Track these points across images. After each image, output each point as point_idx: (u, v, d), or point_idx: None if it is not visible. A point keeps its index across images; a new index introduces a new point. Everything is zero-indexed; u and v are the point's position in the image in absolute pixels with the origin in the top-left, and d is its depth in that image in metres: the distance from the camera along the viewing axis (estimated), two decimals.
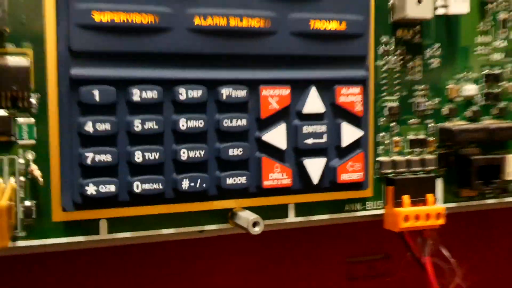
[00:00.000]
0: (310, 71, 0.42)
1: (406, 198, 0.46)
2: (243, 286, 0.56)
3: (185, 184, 0.39)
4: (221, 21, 0.39)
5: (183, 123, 0.38)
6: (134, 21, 0.37)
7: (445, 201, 0.49)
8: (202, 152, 0.39)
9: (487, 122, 0.49)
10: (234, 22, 0.39)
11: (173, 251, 0.54)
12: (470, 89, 0.49)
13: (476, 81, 0.49)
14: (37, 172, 0.36)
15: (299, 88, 0.42)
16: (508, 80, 0.50)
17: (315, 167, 0.42)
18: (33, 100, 0.36)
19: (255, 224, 0.39)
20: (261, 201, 0.42)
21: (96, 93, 0.36)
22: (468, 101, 0.49)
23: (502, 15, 0.50)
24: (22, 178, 0.37)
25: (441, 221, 0.47)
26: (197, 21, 0.38)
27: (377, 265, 0.61)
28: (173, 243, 0.45)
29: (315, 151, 0.43)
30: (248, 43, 0.40)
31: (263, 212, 0.42)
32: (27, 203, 0.36)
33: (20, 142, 0.37)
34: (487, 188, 0.49)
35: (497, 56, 0.50)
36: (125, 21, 0.36)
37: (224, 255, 0.55)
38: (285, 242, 0.55)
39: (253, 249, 0.56)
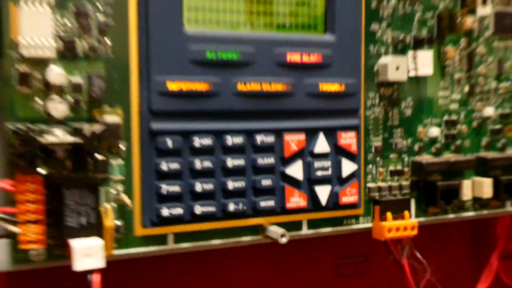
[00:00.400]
0: (319, 121, 0.50)
1: (389, 215, 0.54)
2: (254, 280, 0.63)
3: (231, 207, 0.47)
4: (256, 87, 0.47)
5: (230, 162, 0.47)
6: (195, 89, 0.45)
7: (417, 216, 0.56)
8: (243, 183, 0.47)
9: (447, 156, 0.57)
10: (265, 87, 0.48)
11: (217, 257, 0.60)
12: (434, 131, 0.57)
13: (438, 125, 0.57)
14: (127, 200, 0.44)
15: (311, 134, 0.50)
16: (461, 123, 0.58)
17: (323, 192, 0.50)
18: (122, 147, 0.44)
19: (282, 235, 0.48)
20: (284, 218, 0.50)
21: (169, 141, 0.45)
22: (433, 140, 0.57)
23: (457, 75, 0.58)
24: (114, 204, 0.44)
25: (414, 232, 0.54)
26: (239, 87, 0.47)
27: (362, 266, 0.68)
28: (218, 251, 0.53)
29: (323, 181, 0.50)
30: (275, 101, 0.48)
31: (284, 226, 0.49)
32: (117, 222, 0.44)
33: (113, 177, 0.44)
34: (448, 206, 0.57)
35: (454, 106, 0.58)
36: (189, 88, 0.45)
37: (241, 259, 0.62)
38: (292, 249, 0.61)
39: (264, 254, 0.62)
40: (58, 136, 0.39)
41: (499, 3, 0.59)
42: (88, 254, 0.40)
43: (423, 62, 0.55)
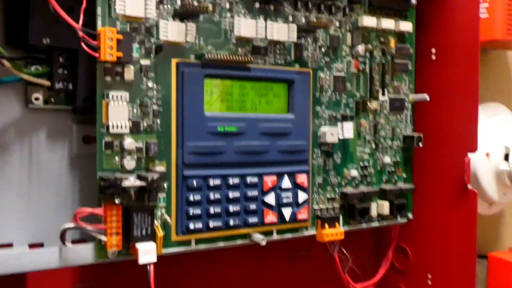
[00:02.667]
0: (284, 168, 0.57)
1: (326, 226, 0.59)
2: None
3: (231, 222, 0.53)
4: (247, 148, 0.54)
5: (231, 194, 0.53)
6: (211, 150, 0.52)
7: (343, 225, 0.62)
8: (238, 207, 0.54)
9: (362, 188, 0.63)
10: (252, 148, 0.55)
11: (220, 255, 0.64)
12: (354, 172, 0.62)
13: (357, 168, 0.63)
14: (168, 219, 0.51)
15: (280, 176, 0.56)
16: (371, 167, 0.64)
17: (287, 212, 0.57)
18: (165, 185, 0.51)
19: (262, 240, 0.54)
20: (263, 229, 0.56)
21: (194, 182, 0.52)
22: (354, 178, 0.62)
23: (367, 137, 0.65)
24: (159, 221, 0.51)
25: (342, 236, 0.59)
26: (237, 148, 0.54)
27: (307, 256, 0.71)
28: (221, 251, 0.58)
29: (287, 204, 0.56)
30: (258, 156, 0.55)
31: (262, 234, 0.55)
32: (162, 232, 0.50)
33: (159, 204, 0.51)
34: (362, 220, 0.63)
35: (366, 156, 0.64)
36: (207, 150, 0.52)
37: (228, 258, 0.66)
38: (267, 247, 0.60)
39: (250, 251, 0.64)
40: (131, 181, 0.47)
41: (392, 92, 0.67)
42: (147, 252, 0.47)
43: (347, 129, 0.62)
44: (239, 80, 0.55)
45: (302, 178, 0.58)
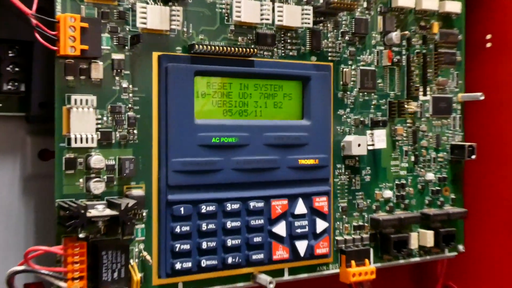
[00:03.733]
0: (298, 189, 0.56)
1: (353, 262, 0.59)
2: None
3: (230, 259, 0.52)
4: (249, 164, 0.53)
5: (229, 224, 0.52)
6: (203, 167, 0.51)
7: (375, 263, 0.61)
8: (239, 241, 0.53)
9: (398, 213, 0.63)
10: (256, 164, 0.53)
11: None
12: (388, 193, 0.62)
13: (391, 188, 0.63)
14: (148, 257, 0.49)
15: (292, 199, 0.55)
16: (409, 186, 0.64)
17: (301, 246, 0.56)
18: (144, 214, 0.50)
19: (270, 282, 0.53)
20: (270, 267, 0.55)
21: (182, 209, 0.50)
22: (387, 201, 0.63)
23: (405, 148, 0.64)
24: (136, 260, 0.49)
25: (373, 276, 0.59)
26: (236, 164, 0.53)
27: None
28: None
29: (301, 236, 0.56)
30: (264, 174, 0.54)
31: (270, 274, 0.55)
32: (139, 274, 0.49)
33: (137, 238, 0.49)
34: (398, 254, 0.62)
35: (403, 172, 0.64)
36: (198, 167, 0.51)
37: None
38: None
39: None
40: (100, 210, 0.45)
41: (435, 91, 0.66)
42: None
43: (378, 138, 0.61)
44: (240, 78, 0.55)
45: (321, 202, 0.58)
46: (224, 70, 0.53)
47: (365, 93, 0.62)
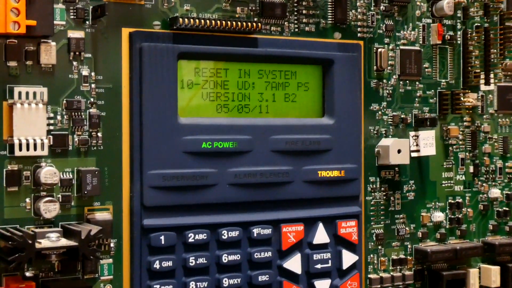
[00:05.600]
0: (318, 210, 0.57)
1: None
2: None
3: None
4: (252, 178, 0.54)
5: (225, 258, 0.53)
6: (190, 182, 0.51)
7: None
8: (239, 280, 0.53)
9: (453, 243, 0.64)
10: (262, 176, 0.54)
11: None
12: (439, 215, 0.63)
13: (443, 209, 0.64)
14: None
15: (310, 223, 0.56)
16: (467, 206, 0.65)
17: (324, 286, 0.56)
18: (112, 244, 0.50)
19: None
20: None
21: (162, 238, 0.51)
22: (437, 225, 0.63)
23: (461, 155, 0.65)
24: None
25: None
26: (235, 177, 0.53)
27: None
28: None
29: (322, 274, 0.56)
30: (272, 191, 0.55)
31: None
32: None
33: (102, 277, 0.50)
34: None
35: (458, 188, 0.65)
36: (184, 181, 0.51)
37: None
38: None
39: None
40: (52, 239, 0.45)
41: (502, 78, 0.67)
42: None
43: (426, 142, 0.62)
44: (239, 62, 0.55)
45: (348, 228, 0.58)
46: (218, 52, 0.54)
47: (407, 81, 0.62)
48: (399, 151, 0.60)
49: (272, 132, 0.55)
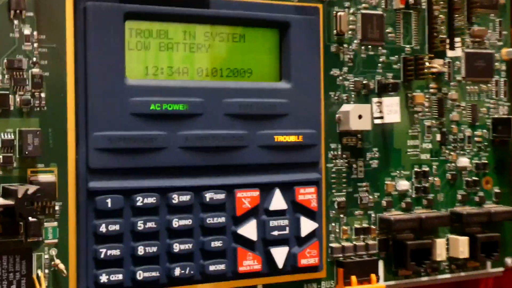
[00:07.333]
0: (274, 176, 0.56)
1: (353, 278, 0.59)
2: None
3: (177, 271, 0.52)
4: (205, 140, 0.53)
5: (175, 222, 0.52)
6: (138, 145, 0.51)
7: (386, 280, 0.62)
8: (190, 245, 0.52)
9: (418, 212, 0.63)
10: (215, 140, 0.53)
11: None
12: (404, 184, 0.63)
13: (408, 178, 0.63)
14: (61, 266, 0.49)
15: (266, 190, 0.56)
16: (434, 176, 0.64)
17: (279, 254, 0.56)
18: (57, 208, 0.49)
19: None
20: (236, 283, 0.55)
21: (108, 201, 0.50)
22: (403, 195, 0.63)
23: (427, 123, 0.64)
24: (46, 271, 0.49)
25: None
26: (186, 140, 0.52)
27: None
28: None
29: (279, 241, 0.56)
30: (226, 155, 0.54)
31: None
32: None
33: (46, 241, 0.49)
34: (419, 268, 0.62)
35: (424, 156, 0.64)
36: (131, 144, 0.50)
37: None
38: None
39: None
40: None
41: (469, 44, 0.67)
42: None
43: (389, 108, 0.61)
44: (190, 23, 0.55)
45: (307, 194, 0.58)
46: (167, 12, 0.53)
47: (370, 46, 0.62)
48: (360, 117, 0.60)
49: (225, 95, 0.54)
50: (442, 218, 0.63)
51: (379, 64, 0.62)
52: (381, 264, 0.62)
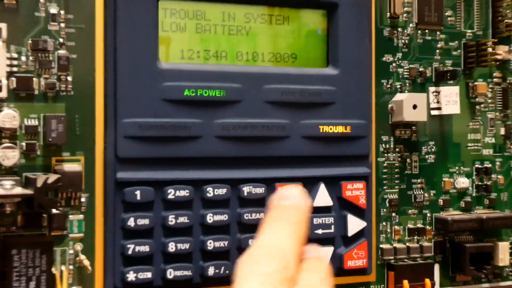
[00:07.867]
0: (319, 169, 0.53)
1: (405, 283, 0.56)
2: None
3: (211, 271, 0.50)
4: (243, 129, 0.51)
5: (210, 218, 0.50)
6: (170, 133, 0.49)
7: (442, 285, 0.59)
8: (226, 243, 0.50)
9: (479, 212, 0.60)
10: (254, 129, 0.51)
11: None
12: (463, 182, 0.60)
13: (468, 175, 0.60)
14: (86, 262, 0.47)
15: (310, 184, 0.53)
16: (497, 173, 0.61)
17: (324, 255, 0.54)
18: (83, 199, 0.48)
19: None
20: None
21: (137, 193, 0.48)
22: (462, 193, 0.60)
23: (489, 115, 0.61)
24: (71, 267, 0.47)
25: None
26: (223, 129, 0.50)
27: None
28: None
29: (324, 240, 0.53)
30: (266, 146, 0.52)
31: None
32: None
33: (71, 235, 0.48)
34: (479, 274, 0.59)
35: (487, 152, 0.61)
36: (163, 132, 0.48)
37: None
38: None
39: None
40: (6, 187, 0.43)
41: None
42: None
43: (448, 99, 0.59)
44: (229, 3, 0.53)
45: (355, 190, 0.55)
46: None
47: (427, 31, 0.59)
48: (414, 107, 0.57)
49: (266, 81, 0.52)
50: (505, 219, 0.60)
51: (437, 50, 0.60)
52: (436, 268, 0.59)
